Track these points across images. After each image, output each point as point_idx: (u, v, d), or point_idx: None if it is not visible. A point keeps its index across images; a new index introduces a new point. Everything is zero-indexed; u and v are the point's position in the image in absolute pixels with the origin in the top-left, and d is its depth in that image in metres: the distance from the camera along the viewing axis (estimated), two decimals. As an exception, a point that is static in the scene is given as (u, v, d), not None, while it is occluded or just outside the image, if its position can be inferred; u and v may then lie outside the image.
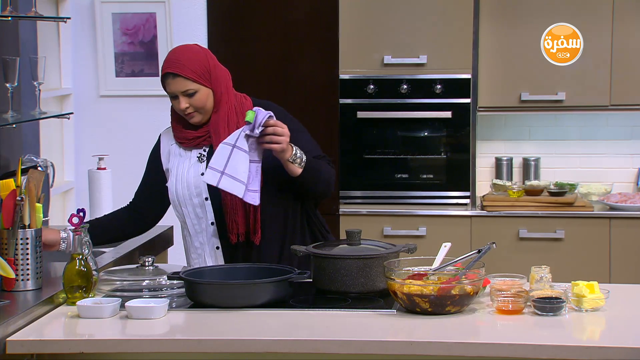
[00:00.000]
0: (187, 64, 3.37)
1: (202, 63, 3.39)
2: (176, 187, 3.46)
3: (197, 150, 3.48)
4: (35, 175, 3.16)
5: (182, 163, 3.47)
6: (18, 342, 2.73)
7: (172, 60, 3.39)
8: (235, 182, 3.27)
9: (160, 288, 3.10)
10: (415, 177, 5.28)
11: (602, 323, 2.88)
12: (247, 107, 3.45)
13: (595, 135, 5.54)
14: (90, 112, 5.55)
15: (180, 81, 3.37)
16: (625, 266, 5.09)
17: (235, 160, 3.28)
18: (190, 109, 3.40)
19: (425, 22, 5.19)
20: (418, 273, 2.99)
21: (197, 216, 3.45)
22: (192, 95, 3.38)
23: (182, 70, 3.36)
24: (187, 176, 3.45)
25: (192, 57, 3.39)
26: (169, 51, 3.47)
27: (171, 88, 3.39)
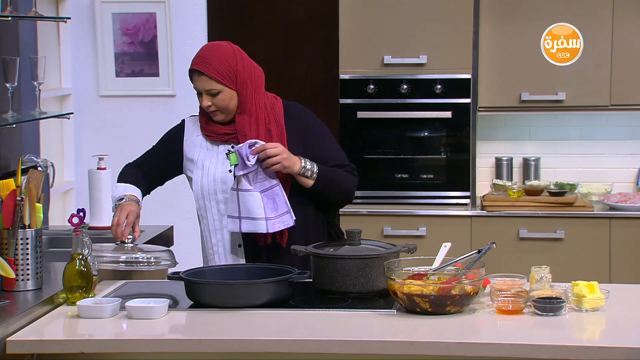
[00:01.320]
0: (214, 63, 3.38)
1: (229, 64, 3.40)
2: (202, 181, 3.46)
3: (225, 145, 3.48)
4: (36, 176, 3.17)
5: (209, 157, 3.48)
6: (18, 342, 2.73)
7: (200, 57, 3.41)
8: (254, 222, 3.35)
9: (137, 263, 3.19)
10: (416, 177, 5.28)
11: (602, 323, 2.88)
12: (279, 108, 3.48)
13: (595, 135, 5.54)
14: (90, 112, 5.55)
15: (205, 80, 3.38)
16: (625, 266, 5.09)
17: (244, 202, 3.35)
18: (212, 107, 3.41)
19: (426, 22, 5.19)
20: (418, 273, 2.99)
21: (219, 212, 3.45)
22: (215, 95, 3.39)
23: (207, 70, 3.37)
24: (215, 171, 3.45)
25: (220, 57, 3.40)
26: (202, 47, 3.48)
27: (196, 85, 3.41)
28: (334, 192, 3.45)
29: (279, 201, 3.37)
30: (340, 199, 3.51)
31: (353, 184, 3.49)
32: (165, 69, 5.49)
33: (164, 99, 5.55)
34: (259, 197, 3.34)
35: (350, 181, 3.48)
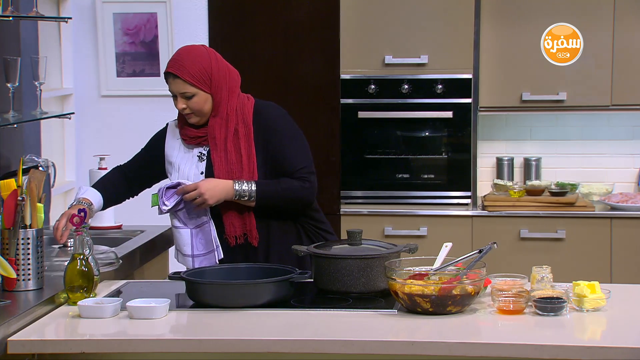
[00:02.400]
0: (188, 66, 3.40)
1: (204, 68, 3.41)
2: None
3: (198, 148, 3.50)
4: (37, 175, 3.17)
5: (185, 160, 3.53)
6: (19, 342, 2.73)
7: (174, 60, 3.44)
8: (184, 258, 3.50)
9: None
10: (416, 177, 5.28)
11: (603, 323, 2.88)
12: (249, 109, 3.47)
13: (596, 135, 5.53)
14: (92, 112, 5.55)
15: (179, 83, 3.41)
16: (626, 266, 5.09)
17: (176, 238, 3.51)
18: (187, 110, 3.45)
19: (426, 22, 5.19)
20: (419, 273, 2.99)
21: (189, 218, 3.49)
22: (190, 98, 3.43)
23: (181, 73, 3.40)
24: (188, 174, 3.50)
25: (194, 60, 3.41)
26: (177, 50, 3.50)
27: (171, 88, 3.46)
28: (284, 204, 3.46)
29: (208, 238, 3.45)
30: (294, 208, 3.50)
31: (303, 190, 3.45)
32: (166, 69, 5.48)
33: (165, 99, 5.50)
34: (187, 234, 3.45)
35: (298, 189, 3.45)
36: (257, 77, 5.44)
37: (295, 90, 5.37)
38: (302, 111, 5.14)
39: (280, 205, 3.45)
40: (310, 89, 5.37)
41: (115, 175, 3.67)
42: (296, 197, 3.46)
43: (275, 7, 5.45)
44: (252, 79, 5.50)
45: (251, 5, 5.45)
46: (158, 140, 3.62)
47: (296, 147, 3.49)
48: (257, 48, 5.49)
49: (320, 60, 5.36)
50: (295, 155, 3.47)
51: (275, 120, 3.49)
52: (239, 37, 5.52)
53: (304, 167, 3.48)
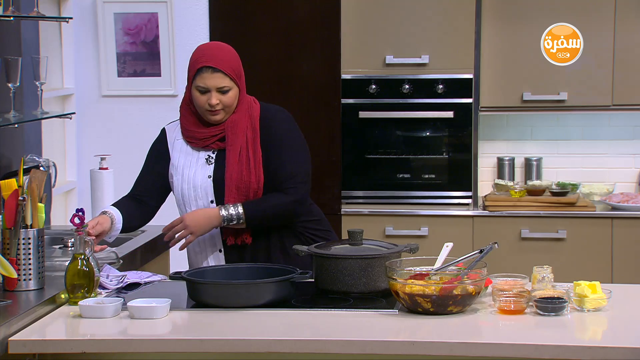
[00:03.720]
0: (226, 60, 3.39)
1: (237, 62, 3.43)
2: (182, 187, 3.47)
3: (205, 152, 3.48)
4: (38, 175, 3.17)
5: (188, 163, 3.48)
6: (20, 342, 2.73)
7: (211, 55, 3.39)
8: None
9: None
10: (417, 177, 5.28)
11: (604, 323, 2.88)
12: (256, 112, 3.47)
13: (597, 135, 5.53)
14: (92, 112, 5.55)
15: (219, 77, 3.37)
16: (627, 266, 5.08)
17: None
18: (219, 106, 3.39)
19: (427, 22, 5.19)
20: (420, 273, 2.99)
21: None
22: (225, 92, 3.39)
23: (221, 66, 3.37)
24: (194, 177, 3.46)
25: (229, 54, 3.42)
26: (200, 46, 3.47)
27: (207, 82, 3.37)
28: (271, 221, 3.44)
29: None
30: (281, 222, 3.48)
31: (288, 205, 3.43)
32: (167, 69, 5.49)
33: (166, 99, 5.54)
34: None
35: (284, 204, 3.42)
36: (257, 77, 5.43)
37: (296, 90, 5.37)
38: (302, 111, 5.14)
39: (268, 223, 3.44)
40: (311, 89, 5.37)
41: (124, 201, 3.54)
42: (283, 212, 3.43)
43: (275, 7, 5.45)
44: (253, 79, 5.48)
45: (252, 5, 5.45)
46: (161, 147, 3.54)
47: (292, 155, 3.45)
48: (258, 48, 5.49)
49: (320, 60, 5.36)
50: (289, 163, 3.44)
51: (279, 125, 3.47)
52: (240, 37, 5.52)
53: (295, 175, 3.44)
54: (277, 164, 3.43)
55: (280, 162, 3.43)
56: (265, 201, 3.41)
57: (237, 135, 3.41)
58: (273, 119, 3.48)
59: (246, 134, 3.42)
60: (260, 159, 3.42)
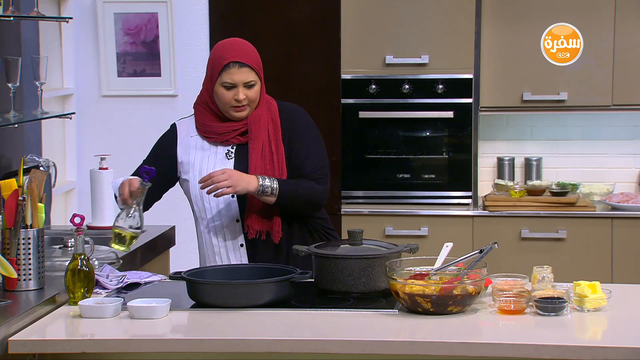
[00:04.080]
0: (252, 55, 3.42)
1: (259, 57, 3.46)
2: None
3: (223, 147, 3.47)
4: (37, 175, 3.17)
5: (206, 158, 3.47)
6: (20, 342, 2.73)
7: (236, 51, 3.40)
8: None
9: None
10: (417, 177, 5.28)
11: (604, 323, 2.88)
12: (275, 108, 3.48)
13: (597, 135, 5.53)
14: (92, 112, 5.55)
15: (247, 71, 3.39)
16: (627, 266, 5.08)
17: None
18: (245, 101, 3.40)
19: (427, 22, 5.19)
20: (420, 273, 2.99)
21: (219, 213, 3.45)
22: (251, 87, 3.40)
23: (249, 61, 3.39)
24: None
25: (252, 49, 3.46)
26: (221, 43, 3.47)
27: (234, 77, 3.39)
28: (299, 205, 3.43)
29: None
30: (307, 209, 3.48)
31: (320, 193, 3.45)
32: (167, 69, 5.49)
33: (166, 99, 5.54)
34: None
35: (316, 191, 3.43)
36: (258, 77, 5.44)
37: (296, 90, 5.37)
38: (303, 111, 5.14)
39: (296, 206, 3.42)
40: (311, 89, 5.37)
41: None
42: (309, 199, 3.43)
43: (276, 7, 5.45)
44: (253, 79, 5.51)
45: (252, 5, 5.45)
46: (167, 143, 3.53)
47: (317, 147, 3.49)
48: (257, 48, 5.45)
49: (321, 60, 5.36)
50: (316, 155, 3.47)
51: (300, 120, 3.50)
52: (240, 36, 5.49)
53: (323, 167, 3.47)
54: (303, 155, 3.45)
55: (306, 153, 3.45)
56: (299, 184, 3.41)
57: (259, 129, 3.42)
58: (293, 114, 3.51)
59: (267, 128, 3.43)
60: (282, 153, 3.43)
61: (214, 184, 3.29)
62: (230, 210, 3.44)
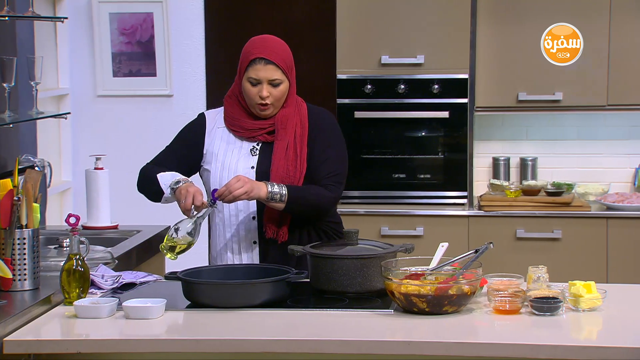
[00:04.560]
0: (280, 53, 3.39)
1: (290, 56, 3.44)
2: (221, 175, 3.44)
3: (249, 142, 3.46)
4: (33, 175, 3.16)
5: (230, 151, 3.46)
6: (15, 342, 2.72)
7: (265, 47, 3.39)
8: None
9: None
10: (413, 177, 5.28)
11: (599, 323, 2.88)
12: (305, 110, 3.49)
13: (592, 135, 5.54)
14: (88, 112, 5.55)
15: (272, 69, 3.38)
16: (622, 266, 5.09)
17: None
18: (269, 99, 3.39)
19: (423, 22, 5.20)
20: (415, 273, 2.99)
21: (236, 208, 3.44)
22: (276, 86, 3.39)
23: (275, 58, 3.37)
24: (236, 167, 3.44)
25: (283, 48, 3.42)
26: (254, 38, 3.46)
27: (259, 74, 3.38)
28: (306, 211, 3.43)
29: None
30: (314, 215, 3.48)
31: (327, 200, 3.44)
32: (163, 69, 5.49)
33: (162, 98, 5.54)
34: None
35: (324, 198, 3.43)
36: (253, 77, 5.43)
37: (292, 90, 5.36)
38: (298, 111, 5.13)
39: (303, 212, 3.42)
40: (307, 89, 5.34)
41: (156, 168, 3.48)
42: (320, 206, 3.44)
43: (271, 7, 5.45)
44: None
45: (247, 5, 5.45)
46: (196, 131, 3.51)
47: (336, 154, 3.49)
48: (253, 48, 5.48)
49: (316, 60, 5.36)
50: (333, 161, 3.47)
51: (327, 124, 3.50)
52: (235, 37, 5.52)
53: (337, 174, 3.47)
54: (320, 159, 3.45)
55: (324, 158, 3.45)
56: (307, 190, 3.41)
57: (286, 130, 3.42)
58: (322, 119, 3.51)
59: (295, 129, 3.43)
60: (305, 155, 3.43)
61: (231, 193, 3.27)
62: (247, 207, 3.44)
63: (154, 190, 3.43)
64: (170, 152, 3.54)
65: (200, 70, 5.54)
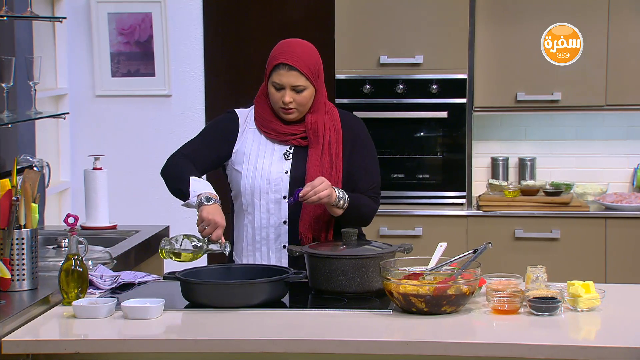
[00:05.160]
0: (305, 59, 3.37)
1: (316, 62, 3.40)
2: (254, 177, 3.41)
3: (281, 145, 3.44)
4: (31, 176, 3.16)
5: (262, 154, 3.43)
6: (14, 342, 2.72)
7: (289, 52, 3.37)
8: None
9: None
10: (412, 177, 5.28)
11: (597, 323, 2.89)
12: (337, 115, 3.46)
13: (591, 135, 5.54)
14: (86, 112, 5.55)
15: (295, 75, 3.35)
16: (620, 266, 5.09)
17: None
18: (292, 105, 3.37)
19: (422, 22, 5.20)
20: (414, 273, 2.99)
21: (268, 211, 3.42)
22: (300, 92, 3.37)
23: (299, 65, 3.35)
24: (270, 170, 3.41)
25: (309, 53, 3.40)
26: (282, 42, 3.44)
27: (282, 80, 3.36)
28: (356, 219, 3.43)
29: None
30: (359, 224, 3.47)
31: (373, 212, 3.46)
32: (161, 69, 5.49)
33: (160, 99, 5.54)
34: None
35: (372, 209, 3.45)
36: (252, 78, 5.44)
37: (290, 90, 5.36)
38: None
39: (354, 219, 3.41)
40: (305, 89, 5.37)
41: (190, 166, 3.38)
42: (367, 215, 3.44)
43: (270, 7, 5.45)
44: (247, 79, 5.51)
45: (246, 6, 5.45)
46: (230, 127, 3.45)
47: (374, 165, 3.49)
48: (251, 48, 5.49)
49: (315, 60, 5.35)
50: (373, 172, 3.47)
51: (364, 134, 3.49)
52: (234, 37, 5.52)
53: (377, 186, 3.48)
54: (361, 169, 3.44)
55: (365, 168, 3.45)
56: (361, 200, 3.41)
57: (318, 137, 3.40)
58: (357, 125, 3.50)
59: (329, 135, 3.41)
60: (340, 162, 3.41)
61: (316, 194, 3.26)
62: (280, 211, 3.41)
63: (179, 187, 3.33)
64: (201, 145, 3.45)
65: (198, 70, 5.54)
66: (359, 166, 3.45)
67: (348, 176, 3.43)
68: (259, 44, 5.46)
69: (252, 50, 5.47)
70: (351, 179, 3.43)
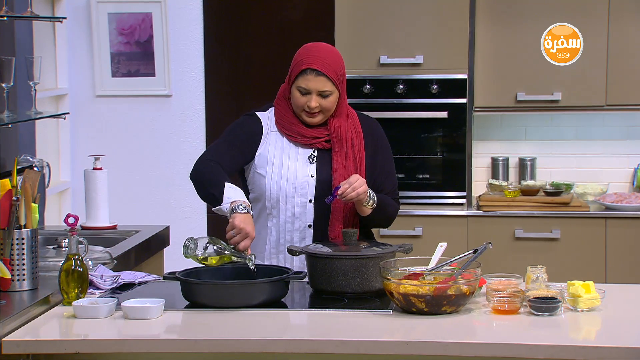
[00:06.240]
0: (332, 64, 3.36)
1: (342, 66, 3.40)
2: (279, 181, 3.40)
3: (305, 149, 3.43)
4: (31, 176, 3.16)
5: (286, 157, 3.41)
6: (14, 342, 2.72)
7: (317, 57, 3.36)
8: None
9: None
10: (412, 177, 5.28)
11: (597, 323, 2.89)
12: (357, 118, 3.48)
13: (591, 135, 5.54)
14: (86, 112, 5.55)
15: (322, 80, 3.34)
16: (621, 266, 5.09)
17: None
18: (317, 109, 3.36)
19: (422, 22, 5.20)
20: (414, 273, 2.99)
21: (293, 215, 3.41)
22: (326, 97, 3.36)
23: (327, 70, 3.34)
24: (295, 174, 3.40)
25: (335, 58, 3.38)
26: (307, 46, 3.43)
27: (309, 85, 3.35)
28: (381, 219, 3.46)
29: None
30: (382, 224, 3.51)
31: (395, 212, 3.50)
32: (162, 69, 5.49)
33: (160, 99, 5.54)
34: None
35: (396, 210, 3.50)
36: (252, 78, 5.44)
37: (291, 90, 5.36)
38: (297, 111, 5.14)
39: (380, 220, 3.44)
40: (306, 89, 5.37)
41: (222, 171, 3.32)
42: (391, 216, 3.48)
43: (270, 8, 5.45)
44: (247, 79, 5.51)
45: (246, 6, 5.45)
46: (254, 130, 3.42)
47: (393, 167, 3.52)
48: (252, 48, 5.49)
49: (315, 60, 5.35)
50: (393, 174, 3.50)
51: (383, 136, 3.51)
52: (234, 37, 5.52)
53: (396, 187, 3.52)
54: (386, 172, 3.47)
55: (387, 172, 3.48)
56: (387, 200, 3.44)
57: (341, 140, 3.40)
58: (376, 127, 3.51)
59: (351, 138, 3.42)
60: (364, 164, 3.42)
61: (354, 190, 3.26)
62: (305, 214, 3.41)
63: (212, 192, 3.26)
64: (229, 149, 3.39)
65: (199, 70, 5.54)
66: (381, 169, 3.47)
67: (371, 178, 3.45)
68: (259, 44, 5.46)
69: (252, 50, 5.47)
70: (375, 182, 3.45)
